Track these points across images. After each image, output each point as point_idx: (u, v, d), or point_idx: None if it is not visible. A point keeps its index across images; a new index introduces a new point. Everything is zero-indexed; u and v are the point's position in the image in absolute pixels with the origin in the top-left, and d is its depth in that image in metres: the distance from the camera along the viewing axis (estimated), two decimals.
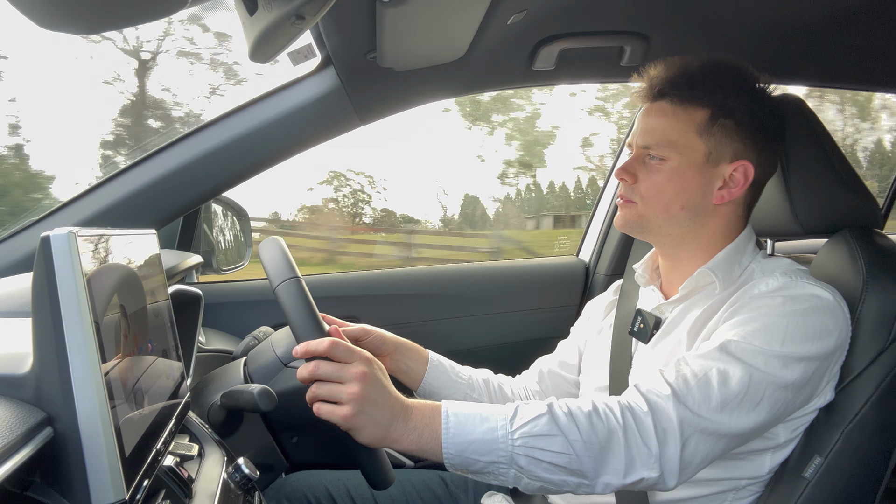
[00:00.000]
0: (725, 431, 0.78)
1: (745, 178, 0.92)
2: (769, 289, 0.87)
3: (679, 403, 0.77)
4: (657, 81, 0.94)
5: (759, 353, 0.80)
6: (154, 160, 1.18)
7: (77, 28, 0.58)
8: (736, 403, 0.78)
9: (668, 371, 0.81)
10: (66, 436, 0.51)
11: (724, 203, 0.94)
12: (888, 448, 0.95)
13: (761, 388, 0.80)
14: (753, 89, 0.94)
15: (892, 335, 0.93)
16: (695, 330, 0.92)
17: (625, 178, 0.95)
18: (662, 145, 0.92)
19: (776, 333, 0.81)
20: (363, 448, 0.82)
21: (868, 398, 0.92)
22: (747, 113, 0.91)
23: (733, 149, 0.91)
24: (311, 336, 0.83)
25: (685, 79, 0.92)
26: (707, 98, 0.91)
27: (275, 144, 1.21)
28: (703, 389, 0.78)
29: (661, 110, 0.93)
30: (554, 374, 1.21)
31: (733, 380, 0.78)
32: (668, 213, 0.93)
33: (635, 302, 1.08)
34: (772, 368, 0.80)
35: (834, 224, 1.05)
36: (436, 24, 0.97)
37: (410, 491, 1.14)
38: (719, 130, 0.91)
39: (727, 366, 0.79)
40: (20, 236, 1.13)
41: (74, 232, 0.52)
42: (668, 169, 0.92)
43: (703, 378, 0.79)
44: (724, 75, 0.93)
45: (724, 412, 0.78)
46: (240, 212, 1.60)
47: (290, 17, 0.67)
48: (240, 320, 1.39)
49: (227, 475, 0.76)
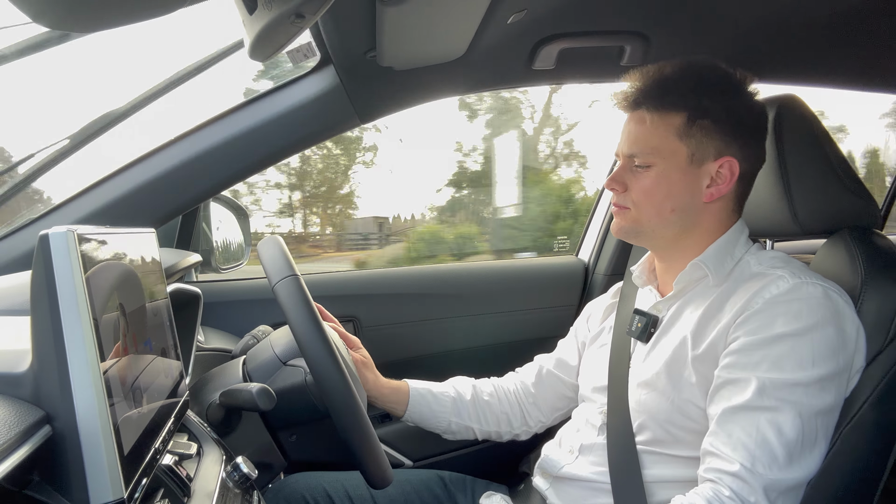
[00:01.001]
0: (802, 479, 0.81)
1: (732, 174, 0.94)
2: (780, 291, 0.87)
3: (752, 474, 0.78)
4: (632, 92, 0.96)
5: (797, 386, 0.81)
6: (153, 158, 1.18)
7: (75, 26, 0.58)
8: (799, 450, 0.80)
9: (718, 438, 0.82)
10: (64, 434, 0.51)
11: (715, 200, 0.95)
12: (886, 448, 0.95)
13: (812, 421, 0.82)
14: (727, 87, 0.95)
15: (891, 335, 0.94)
16: (699, 329, 0.91)
17: (615, 187, 0.98)
18: (646, 152, 0.94)
19: (804, 355, 0.82)
20: (362, 447, 0.82)
21: (866, 398, 0.92)
22: (724, 111, 0.93)
23: (715, 147, 0.93)
24: (310, 334, 0.83)
25: (658, 86, 0.95)
26: (681, 102, 0.93)
27: (274, 143, 1.21)
28: (765, 448, 0.79)
29: (639, 119, 0.96)
30: (552, 375, 1.22)
31: (786, 426, 0.80)
32: (661, 216, 0.95)
33: (633, 304, 1.09)
34: (813, 398, 0.82)
35: (832, 224, 1.05)
36: (436, 23, 0.97)
37: (409, 490, 1.15)
38: (698, 131, 0.93)
39: (774, 413, 0.80)
40: (19, 234, 1.12)
41: (73, 230, 0.52)
42: (654, 174, 0.94)
43: (758, 437, 0.80)
44: (697, 77, 0.95)
45: (792, 464, 0.80)
46: (239, 210, 1.60)
47: (290, 15, 0.66)
48: (239, 319, 1.39)
49: (226, 474, 0.76)
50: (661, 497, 0.93)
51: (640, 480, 0.94)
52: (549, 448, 1.11)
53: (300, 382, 0.94)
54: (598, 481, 0.99)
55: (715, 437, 0.83)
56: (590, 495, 1.00)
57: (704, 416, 0.89)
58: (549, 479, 1.08)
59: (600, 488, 0.99)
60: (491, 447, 1.54)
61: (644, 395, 0.96)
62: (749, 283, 0.91)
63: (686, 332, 0.93)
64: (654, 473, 0.94)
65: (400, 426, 1.48)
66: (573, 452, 1.06)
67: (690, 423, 0.91)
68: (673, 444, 0.93)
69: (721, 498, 0.78)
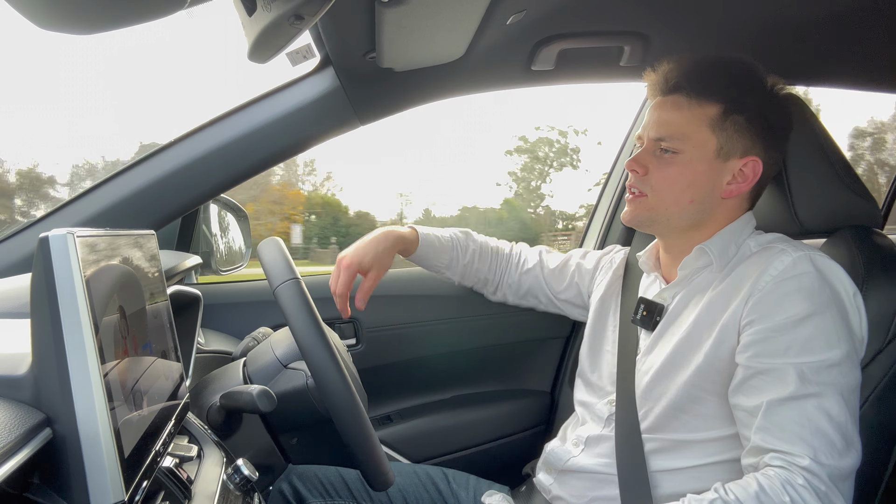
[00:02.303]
0: (857, 462, 0.80)
1: (754, 174, 0.94)
2: (785, 266, 0.86)
3: (821, 466, 0.77)
4: (672, 75, 0.96)
5: (833, 367, 0.81)
6: (153, 161, 1.18)
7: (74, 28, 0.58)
8: (851, 430, 0.80)
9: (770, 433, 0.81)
10: (65, 437, 0.51)
11: (731, 197, 0.95)
12: (888, 447, 0.95)
13: (852, 398, 0.82)
14: (764, 88, 0.96)
15: (891, 334, 0.94)
16: (707, 316, 0.91)
17: (636, 168, 0.97)
18: (676, 138, 0.94)
19: (830, 333, 0.82)
20: (363, 449, 0.82)
21: (867, 397, 0.92)
22: (758, 110, 0.93)
23: (743, 145, 0.93)
24: (311, 338, 0.84)
25: (700, 73, 0.94)
26: (722, 93, 0.93)
27: (274, 145, 1.21)
28: (822, 437, 0.79)
29: (675, 104, 0.95)
30: (538, 279, 1.30)
31: (833, 410, 0.79)
32: (678, 205, 0.95)
33: (638, 292, 1.09)
34: (847, 376, 0.82)
35: (833, 224, 1.05)
36: (435, 25, 0.97)
37: (416, 482, 1.16)
38: (731, 126, 0.93)
39: (819, 399, 0.80)
40: (19, 237, 1.12)
41: (73, 232, 0.52)
42: (680, 161, 0.94)
43: (811, 427, 0.79)
44: (738, 72, 0.95)
45: (849, 448, 0.80)
46: (239, 212, 1.59)
47: (289, 17, 0.66)
48: (239, 321, 1.39)
49: (227, 476, 0.76)
50: (666, 488, 0.93)
51: (646, 471, 0.94)
52: (552, 444, 1.12)
53: (301, 386, 0.94)
54: (603, 472, 1.00)
55: (766, 433, 0.81)
56: (595, 486, 1.00)
57: (713, 403, 0.89)
58: (554, 474, 1.08)
59: (606, 479, 0.99)
60: (492, 449, 1.54)
61: (651, 383, 0.96)
62: (751, 262, 0.91)
63: (693, 319, 0.93)
64: (660, 463, 0.94)
65: (401, 428, 1.48)
66: (579, 445, 1.06)
67: (698, 409, 0.91)
68: (678, 429, 0.93)
69: (794, 486, 0.76)
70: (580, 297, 1.28)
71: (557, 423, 1.36)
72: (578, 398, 1.14)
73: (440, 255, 1.25)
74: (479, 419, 1.54)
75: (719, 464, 0.91)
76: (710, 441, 0.91)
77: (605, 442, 1.02)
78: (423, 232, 1.24)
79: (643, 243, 1.17)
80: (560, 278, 1.29)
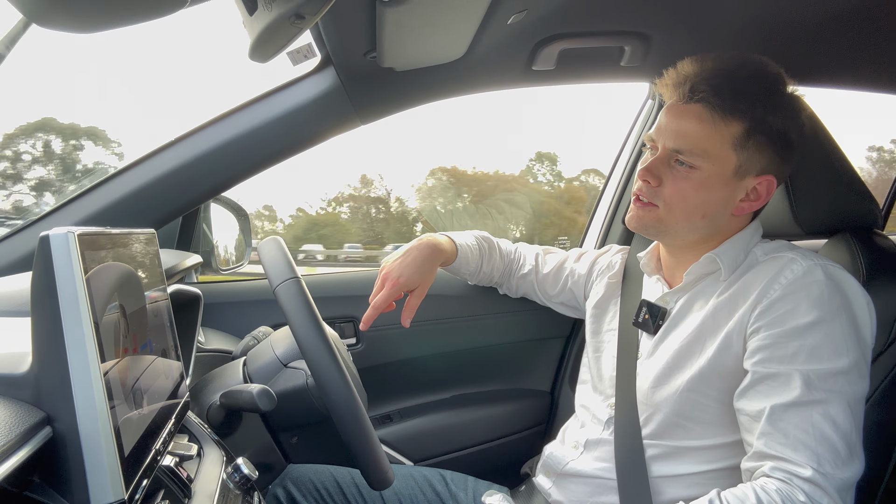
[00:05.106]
0: (860, 472, 0.79)
1: (767, 193, 0.92)
2: (796, 275, 0.85)
3: (824, 477, 0.76)
4: (697, 82, 0.89)
5: (840, 374, 0.80)
6: (153, 160, 1.18)
7: (74, 27, 0.58)
8: (856, 439, 0.79)
9: (774, 438, 0.80)
10: (65, 435, 0.51)
11: (742, 214, 0.94)
12: (888, 448, 0.95)
13: (858, 408, 0.81)
14: (785, 103, 0.91)
15: (892, 336, 0.94)
16: (712, 321, 0.90)
17: (649, 179, 0.92)
18: (696, 153, 0.89)
19: (839, 341, 0.81)
20: (363, 449, 0.82)
21: (868, 399, 0.92)
22: (779, 129, 0.89)
23: (761, 164, 0.90)
24: (311, 337, 0.84)
25: (726, 85, 0.88)
26: (748, 112, 0.88)
27: (274, 144, 1.21)
28: (827, 445, 0.78)
29: (697, 115, 0.89)
30: (531, 284, 1.32)
31: (839, 417, 0.79)
32: (689, 220, 0.92)
33: (639, 294, 1.08)
34: (854, 385, 0.81)
35: (834, 225, 1.05)
36: (436, 24, 0.97)
37: (413, 486, 1.15)
38: (753, 145, 0.89)
39: (825, 406, 0.79)
40: (19, 236, 1.12)
41: (74, 231, 0.52)
42: (696, 178, 0.90)
43: (816, 434, 0.78)
44: (765, 85, 0.90)
45: (853, 457, 0.79)
46: (239, 211, 1.59)
47: (290, 16, 0.67)
48: (239, 320, 1.39)
49: (227, 475, 0.76)
50: (666, 494, 0.93)
51: (647, 477, 0.94)
52: (552, 447, 1.11)
53: (301, 385, 0.94)
54: (603, 477, 0.99)
55: (769, 438, 0.80)
56: (595, 492, 1.00)
57: (715, 408, 0.89)
58: (553, 477, 1.07)
59: (605, 485, 0.99)
60: (491, 449, 1.54)
61: (653, 387, 0.95)
62: (760, 270, 0.89)
63: (698, 324, 0.92)
64: (661, 469, 0.94)
65: (400, 428, 1.48)
66: (578, 448, 1.05)
67: (699, 415, 0.90)
68: (681, 436, 0.93)
69: (794, 501, 0.75)
70: (575, 300, 1.28)
71: (557, 423, 1.36)
72: (579, 400, 1.14)
73: (469, 264, 1.27)
74: (478, 419, 1.54)
75: (721, 470, 0.91)
76: (712, 448, 0.91)
77: (605, 446, 1.01)
78: (458, 242, 1.24)
79: (643, 244, 1.17)
80: (553, 283, 1.30)
